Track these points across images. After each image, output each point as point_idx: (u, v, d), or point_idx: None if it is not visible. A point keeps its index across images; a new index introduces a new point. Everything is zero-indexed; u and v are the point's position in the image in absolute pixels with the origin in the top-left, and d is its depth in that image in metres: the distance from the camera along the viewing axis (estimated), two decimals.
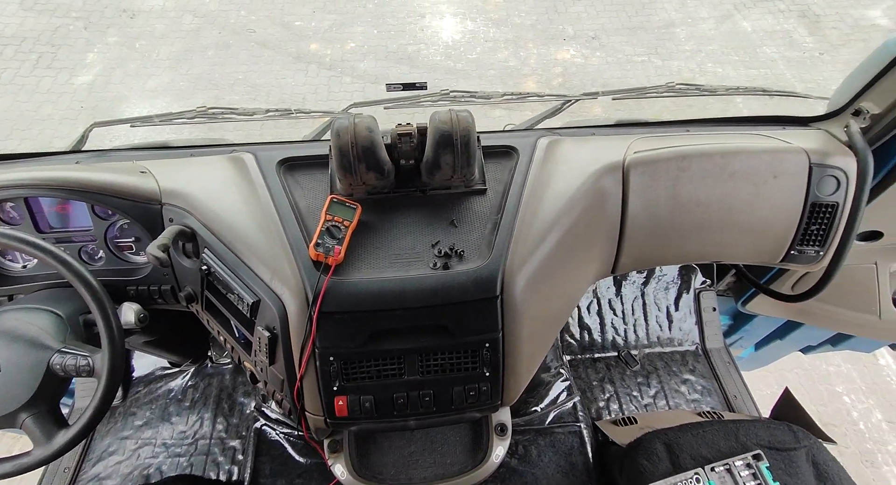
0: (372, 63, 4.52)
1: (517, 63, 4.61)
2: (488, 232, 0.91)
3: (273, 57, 4.48)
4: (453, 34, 4.89)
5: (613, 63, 4.61)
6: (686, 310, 1.60)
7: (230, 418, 1.39)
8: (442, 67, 4.55)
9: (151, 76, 4.13)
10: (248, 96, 4.13)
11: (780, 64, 4.61)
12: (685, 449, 1.00)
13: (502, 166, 1.01)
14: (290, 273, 0.84)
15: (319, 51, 4.60)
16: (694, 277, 1.60)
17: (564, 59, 4.66)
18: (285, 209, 0.90)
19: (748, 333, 1.73)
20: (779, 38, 4.83)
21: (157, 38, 4.46)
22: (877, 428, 2.42)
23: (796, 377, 2.65)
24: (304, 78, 4.36)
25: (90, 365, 0.77)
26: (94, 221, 0.97)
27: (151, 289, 0.99)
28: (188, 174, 0.98)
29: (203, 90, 4.11)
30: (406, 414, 0.89)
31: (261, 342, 0.86)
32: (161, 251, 0.80)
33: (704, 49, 4.72)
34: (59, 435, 0.77)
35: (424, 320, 0.85)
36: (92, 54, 4.21)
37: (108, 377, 0.77)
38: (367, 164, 0.88)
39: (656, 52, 4.69)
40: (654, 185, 1.02)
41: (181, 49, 4.40)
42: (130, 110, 3.83)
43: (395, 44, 4.74)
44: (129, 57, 4.25)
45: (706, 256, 1.12)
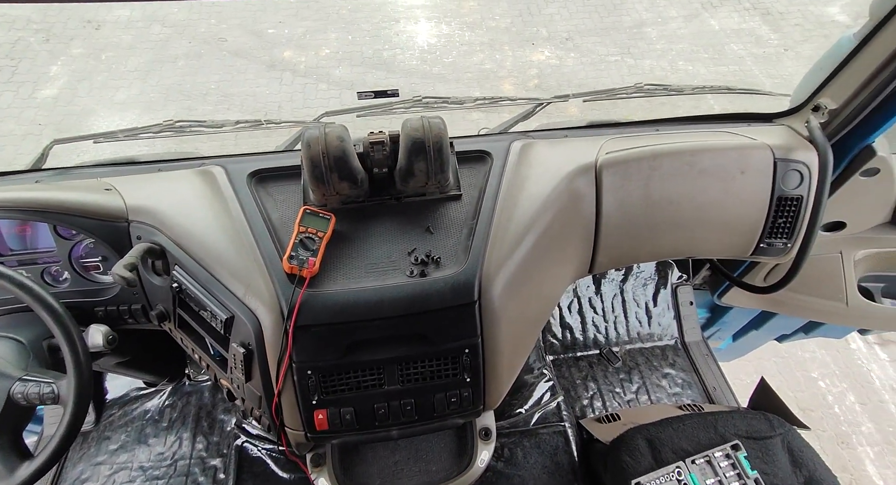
0: (347, 69, 4.50)
1: (493, 66, 4.65)
2: (464, 238, 0.91)
3: (246, 66, 4.41)
4: (428, 38, 4.90)
5: (588, 63, 4.68)
6: (664, 305, 1.63)
7: (210, 437, 1.36)
8: (418, 72, 4.56)
9: (120, 88, 4.03)
10: (222, 106, 4.06)
11: (747, 60, 4.75)
12: (666, 443, 1.02)
13: (477, 171, 1.01)
14: (263, 287, 0.82)
15: (293, 58, 4.56)
16: (671, 272, 1.63)
17: (540, 61, 4.72)
18: (257, 222, 0.89)
19: (725, 324, 1.77)
20: (745, 35, 4.98)
21: (124, 50, 4.35)
22: (850, 410, 2.50)
23: (774, 365, 2.72)
24: (279, 86, 4.31)
25: (55, 392, 0.74)
26: (58, 242, 0.93)
27: (121, 309, 0.96)
28: (155, 190, 0.95)
29: (174, 101, 4.03)
30: (388, 424, 0.88)
31: (236, 359, 0.85)
32: (128, 271, 0.77)
33: (675, 47, 4.83)
34: (21, 468, 0.74)
35: (403, 329, 0.85)
36: (56, 67, 4.09)
37: (74, 404, 0.74)
38: (340, 173, 0.87)
39: (629, 52, 4.79)
40: (626, 184, 1.03)
41: (150, 60, 4.31)
42: (98, 124, 3.72)
43: (370, 49, 4.72)
44: (96, 69, 4.14)
45: (680, 253, 1.14)
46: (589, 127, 1.21)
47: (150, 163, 1.07)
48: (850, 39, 0.99)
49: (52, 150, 1.09)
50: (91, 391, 0.76)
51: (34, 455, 0.75)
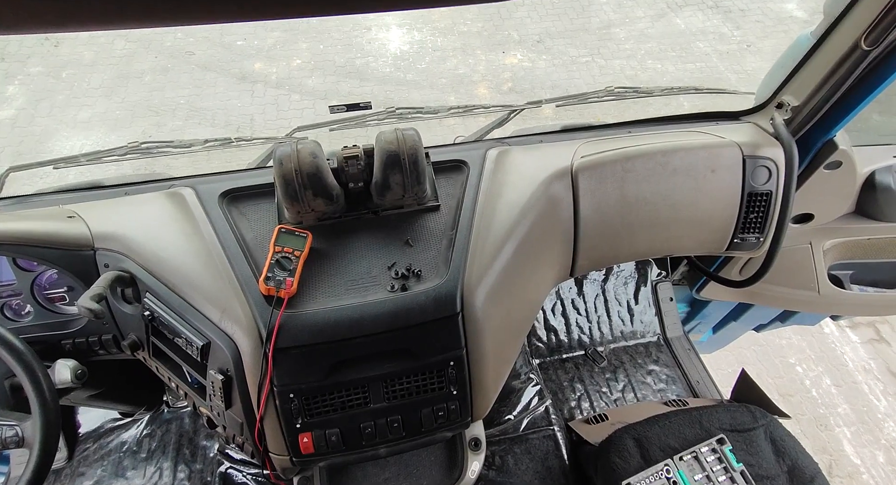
0: (320, 79, 4.46)
1: (467, 70, 4.68)
2: (444, 249, 0.91)
3: (216, 79, 4.34)
4: (401, 45, 4.91)
5: (559, 65, 4.75)
6: (645, 302, 1.65)
7: (192, 464, 1.31)
8: (392, 79, 4.55)
9: (83, 107, 3.91)
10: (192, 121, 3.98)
11: (712, 57, 4.89)
12: (654, 442, 1.03)
13: (454, 181, 1.01)
14: (240, 311, 0.80)
15: (264, 70, 4.50)
16: (650, 270, 1.66)
17: (513, 64, 4.77)
18: (231, 244, 0.86)
19: (705, 318, 1.81)
20: (709, 33, 5.13)
21: (86, 66, 4.22)
22: (827, 393, 2.58)
23: (753, 354, 2.79)
24: (251, 98, 4.25)
25: (19, 435, 0.71)
26: (18, 275, 0.89)
27: (90, 340, 0.92)
28: (122, 215, 0.92)
29: (142, 118, 3.92)
30: (375, 443, 0.87)
31: (214, 386, 0.82)
32: (95, 302, 0.74)
33: (643, 47, 4.95)
34: None
35: (386, 346, 0.83)
36: (12, 87, 3.94)
37: (41, 446, 0.70)
38: (314, 190, 0.86)
39: (599, 53, 4.88)
40: (602, 187, 1.05)
41: (114, 76, 4.19)
42: (62, 145, 3.60)
43: (342, 58, 4.69)
44: (56, 88, 4.00)
45: (658, 252, 1.16)
46: (563, 131, 1.22)
47: (116, 186, 1.03)
48: (808, 37, 1.02)
49: (8, 177, 1.04)
50: (58, 431, 0.73)
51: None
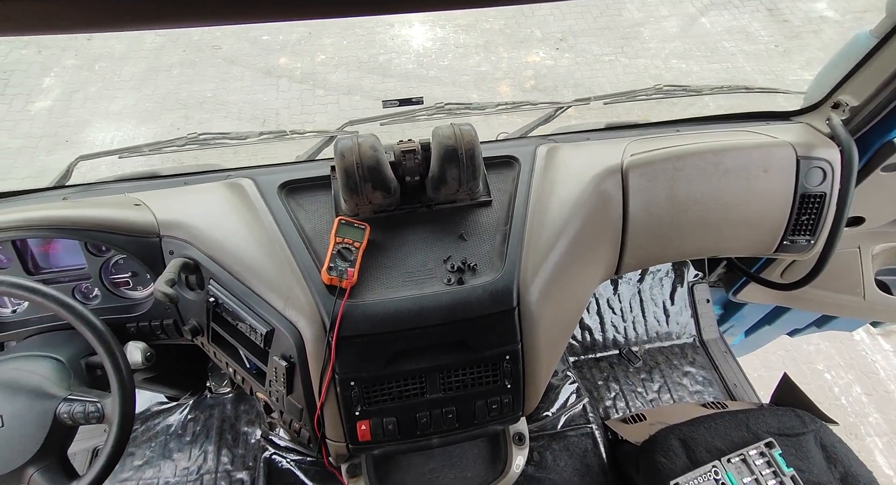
0: (344, 74, 4.49)
1: (489, 67, 4.66)
2: (498, 244, 0.91)
3: (242, 73, 4.39)
4: (424, 42, 4.91)
5: (583, 63, 4.71)
6: (681, 303, 1.64)
7: (235, 450, 1.34)
8: (415, 76, 4.56)
9: (115, 99, 3.99)
10: (219, 114, 4.03)
11: (739, 57, 4.81)
12: (700, 443, 1.02)
13: (504, 176, 1.02)
14: (303, 300, 0.82)
15: (289, 64, 4.54)
16: (686, 270, 1.65)
17: (535, 62, 4.74)
18: (292, 234, 0.88)
19: (739, 320, 1.79)
20: (736, 33, 5.05)
21: (117, 59, 4.31)
22: (857, 402, 2.53)
23: (779, 359, 2.76)
24: (276, 93, 4.29)
25: (100, 411, 0.74)
26: (88, 259, 0.92)
27: (153, 324, 0.95)
28: (185, 204, 0.94)
29: (171, 110, 3.99)
30: (429, 433, 0.88)
31: (277, 372, 0.84)
32: (169, 287, 0.77)
33: (668, 46, 4.89)
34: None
35: (443, 337, 0.85)
36: (49, 79, 4.04)
37: (120, 422, 0.73)
38: (374, 183, 0.87)
39: (622, 51, 4.83)
40: (652, 185, 1.04)
41: (144, 69, 4.27)
42: (94, 136, 3.68)
43: (366, 54, 4.72)
44: (89, 80, 4.09)
45: (704, 252, 1.15)
46: (608, 129, 1.22)
47: (175, 176, 1.06)
48: (868, 37, 1.01)
49: (77, 165, 1.08)
50: (134, 408, 0.75)
51: (80, 475, 0.74)
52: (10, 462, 0.70)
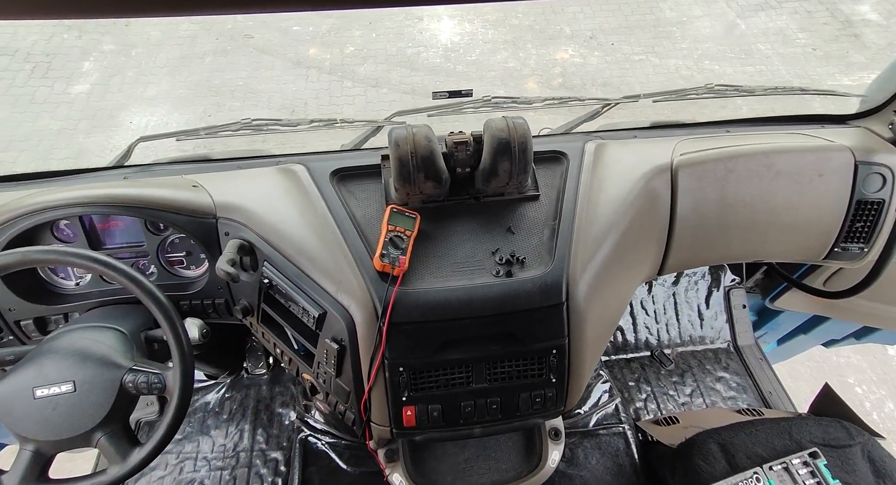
0: (372, 66, 4.50)
1: (517, 64, 4.63)
2: (547, 238, 0.91)
3: (272, 62, 4.44)
4: (452, 36, 4.89)
5: (612, 62, 4.64)
6: (717, 308, 1.62)
7: (269, 430, 1.38)
8: (442, 70, 4.55)
9: (150, 84, 4.07)
10: (249, 103, 4.09)
11: (774, 60, 4.68)
12: (740, 449, 1.01)
13: (552, 171, 1.02)
14: (356, 285, 0.83)
15: (319, 55, 4.57)
16: (723, 275, 1.62)
17: (563, 59, 4.69)
18: (344, 220, 0.90)
19: (773, 328, 1.75)
20: (772, 34, 4.91)
21: (153, 46, 4.39)
22: (890, 418, 2.46)
23: (807, 370, 2.69)
24: (305, 83, 4.32)
25: (162, 382, 0.77)
26: (147, 237, 0.95)
27: (205, 303, 0.98)
28: (241, 187, 0.97)
29: (203, 97, 4.06)
30: (473, 422, 0.89)
31: (328, 354, 0.86)
32: (231, 266, 0.79)
33: (700, 47, 4.78)
34: (133, 453, 0.76)
35: (492, 329, 0.85)
36: (88, 63, 4.14)
37: (180, 394, 0.76)
38: (426, 173, 0.88)
39: (653, 51, 4.74)
40: (701, 186, 1.03)
41: (178, 56, 4.35)
42: (130, 120, 3.77)
43: (394, 47, 4.72)
44: (126, 65, 4.18)
45: (750, 255, 1.14)
46: (654, 127, 1.21)
47: (227, 160, 1.08)
48: None
49: (137, 146, 1.11)
50: (193, 381, 0.78)
51: (143, 443, 0.77)
52: (82, 425, 0.74)
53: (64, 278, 0.96)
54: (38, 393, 0.72)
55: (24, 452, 0.73)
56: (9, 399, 0.72)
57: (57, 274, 0.96)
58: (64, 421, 0.73)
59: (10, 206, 0.88)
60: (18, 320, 0.91)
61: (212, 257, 0.95)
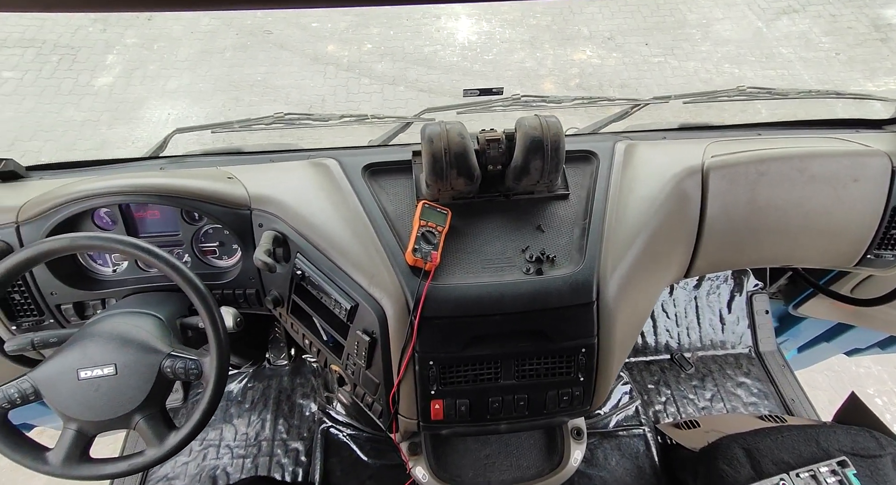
0: (389, 64, 4.52)
1: (534, 64, 4.61)
2: (577, 237, 0.91)
3: (291, 58, 4.47)
4: (469, 35, 4.89)
5: (630, 64, 4.61)
6: (739, 313, 1.61)
7: (291, 420, 1.40)
8: (459, 68, 4.55)
9: (171, 78, 4.13)
10: (267, 98, 4.12)
11: (796, 64, 4.61)
12: (766, 454, 1.00)
13: (581, 171, 1.02)
14: (388, 279, 0.84)
15: (337, 52, 4.60)
16: (746, 279, 1.61)
17: (581, 60, 4.66)
18: (376, 215, 0.91)
19: (794, 335, 1.73)
20: (794, 38, 4.84)
21: (174, 40, 4.45)
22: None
23: (825, 379, 2.65)
24: (323, 79, 4.35)
25: (199, 369, 0.78)
26: (183, 227, 0.97)
27: (237, 293, 0.99)
28: (274, 180, 0.98)
29: (223, 92, 4.10)
30: (499, 418, 0.90)
31: (359, 346, 0.87)
32: (268, 256, 0.80)
33: (720, 50, 4.72)
34: (170, 436, 0.78)
35: (522, 325, 0.86)
36: (111, 56, 4.21)
37: (216, 380, 0.77)
38: (459, 169, 0.88)
39: (672, 53, 4.70)
40: (732, 188, 1.02)
41: (199, 50, 4.40)
42: (151, 113, 3.83)
43: (411, 45, 4.73)
44: (148, 58, 4.24)
45: (778, 260, 1.12)
46: (683, 129, 1.20)
47: (258, 153, 1.10)
48: None
49: (173, 138, 1.13)
50: (228, 368, 0.80)
51: (179, 427, 0.79)
52: (122, 407, 0.76)
53: (102, 265, 0.99)
54: (82, 374, 0.74)
55: (68, 431, 0.75)
56: (55, 379, 0.74)
57: (95, 261, 0.98)
58: (105, 403, 0.75)
59: (53, 194, 0.90)
60: (59, 304, 0.93)
61: (245, 248, 0.96)
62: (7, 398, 0.73)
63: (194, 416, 0.78)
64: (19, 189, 0.94)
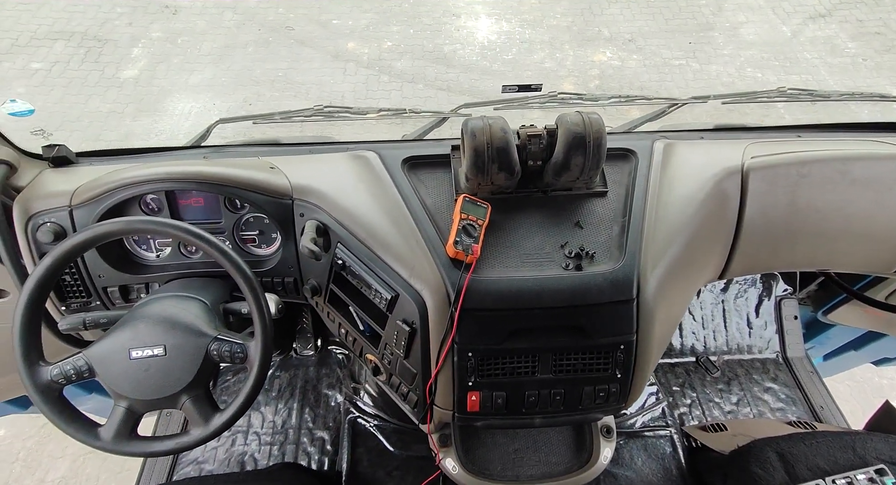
0: (409, 62, 4.53)
1: (553, 64, 4.59)
2: (616, 234, 0.91)
3: (312, 54, 4.50)
4: (489, 35, 4.89)
5: (651, 66, 4.57)
6: (766, 317, 1.59)
7: (316, 410, 1.41)
8: (478, 68, 4.55)
9: (194, 71, 4.18)
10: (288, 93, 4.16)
11: (821, 70, 4.54)
12: (800, 459, 0.99)
13: (619, 169, 1.01)
14: (429, 271, 0.85)
15: (357, 49, 4.62)
16: (775, 284, 1.59)
17: (601, 62, 4.64)
18: (416, 207, 0.91)
19: (821, 342, 1.71)
20: (819, 43, 4.76)
21: (198, 34, 4.51)
22: None
23: (847, 389, 2.61)
24: (343, 76, 4.38)
25: (244, 352, 0.80)
26: (225, 215, 0.99)
27: (275, 281, 1.01)
28: (315, 171, 0.99)
29: (244, 86, 4.15)
30: (534, 412, 0.90)
31: (398, 336, 0.88)
32: (315, 245, 0.82)
33: (743, 54, 4.67)
34: (215, 418, 0.80)
35: (561, 320, 0.86)
36: (137, 49, 4.28)
37: (260, 364, 0.79)
38: (500, 164, 0.89)
39: (694, 56, 4.65)
40: (772, 190, 1.01)
41: (222, 45, 4.45)
42: (175, 105, 3.88)
43: (431, 43, 4.74)
44: (172, 52, 4.30)
45: (815, 264, 1.11)
46: (720, 130, 1.19)
47: (298, 145, 1.11)
48: None
49: (216, 127, 1.15)
50: (272, 353, 0.81)
51: (223, 409, 0.81)
52: (170, 387, 0.77)
53: (146, 250, 1.01)
54: (134, 354, 0.76)
55: (118, 408, 0.77)
56: (108, 358, 0.76)
57: (140, 246, 1.01)
58: (154, 382, 0.76)
59: (102, 180, 0.92)
60: (106, 287, 0.96)
61: (285, 237, 0.98)
62: (63, 375, 0.75)
63: (238, 398, 0.79)
64: (70, 174, 0.97)
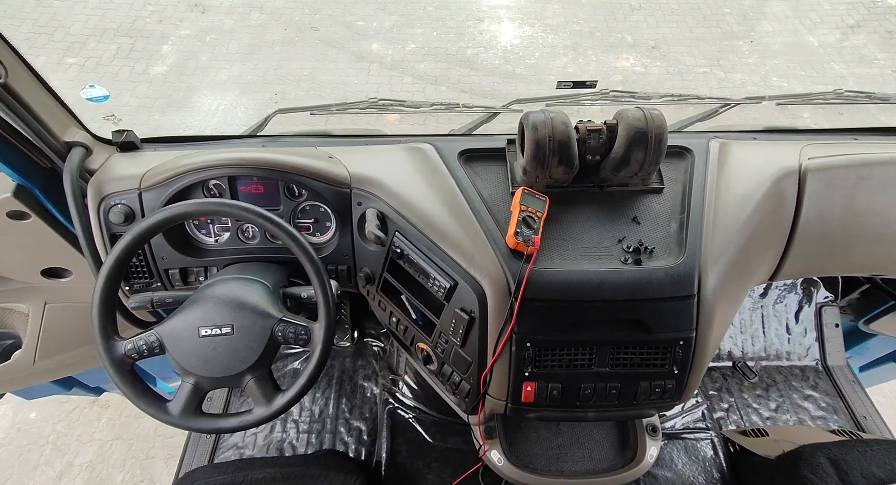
0: (432, 64, 4.57)
1: (576, 69, 4.59)
2: (675, 231, 0.91)
3: (336, 55, 4.56)
4: (511, 39, 4.91)
5: (674, 73, 4.56)
6: (806, 324, 1.57)
7: (353, 400, 1.42)
8: (501, 71, 4.56)
9: (221, 69, 4.25)
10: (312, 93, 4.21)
11: (848, 80, 4.49)
12: (854, 467, 0.98)
13: (675, 166, 1.01)
14: (488, 261, 0.85)
15: (381, 51, 4.67)
16: (816, 291, 1.57)
17: (624, 68, 4.63)
18: (474, 199, 0.92)
19: (859, 352, 1.68)
20: (847, 53, 4.72)
21: (226, 33, 4.59)
22: None
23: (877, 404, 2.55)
24: (367, 77, 4.42)
25: (308, 335, 0.81)
26: (284, 202, 1.00)
27: (329, 269, 1.02)
28: (372, 161, 1.00)
29: (270, 84, 4.21)
30: (588, 405, 0.90)
31: (455, 324, 0.88)
32: (380, 231, 0.83)
33: (769, 63, 4.63)
34: (277, 398, 0.81)
35: (621, 314, 0.86)
36: (166, 46, 4.37)
37: (323, 347, 0.80)
38: (560, 157, 0.89)
39: (718, 64, 4.63)
40: (830, 192, 1.00)
41: (249, 44, 4.52)
42: (202, 101, 3.95)
43: (454, 46, 4.78)
44: (201, 50, 4.38)
45: (868, 269, 1.10)
46: (773, 131, 1.18)
47: (352, 137, 1.13)
48: None
49: (274, 117, 1.17)
50: (334, 336, 0.82)
51: (285, 389, 0.82)
52: (237, 366, 0.79)
53: (206, 235, 1.02)
54: (202, 332, 0.77)
55: (186, 384, 0.78)
56: (178, 335, 0.78)
57: (200, 231, 1.02)
58: (221, 361, 0.78)
59: (166, 166, 0.94)
60: (167, 269, 0.98)
61: (342, 225, 0.99)
62: (136, 350, 0.76)
63: (300, 380, 0.80)
64: (137, 159, 0.99)
